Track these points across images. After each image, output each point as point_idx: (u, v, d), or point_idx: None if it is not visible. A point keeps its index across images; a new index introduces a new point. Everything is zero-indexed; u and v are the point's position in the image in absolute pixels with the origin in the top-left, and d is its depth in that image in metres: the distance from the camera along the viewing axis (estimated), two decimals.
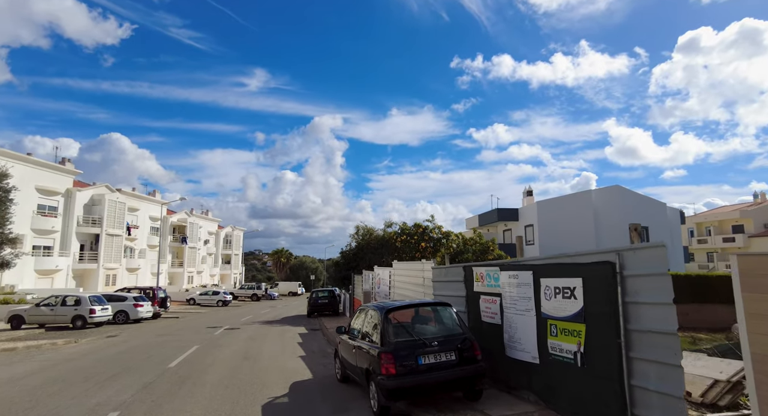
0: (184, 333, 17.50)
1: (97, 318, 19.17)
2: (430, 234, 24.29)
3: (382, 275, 15.11)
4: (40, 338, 15.72)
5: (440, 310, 6.90)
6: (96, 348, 13.29)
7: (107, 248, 38.60)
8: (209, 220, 64.91)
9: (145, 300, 22.84)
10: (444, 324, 6.72)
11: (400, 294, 12.81)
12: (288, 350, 12.83)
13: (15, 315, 18.92)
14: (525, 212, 33.00)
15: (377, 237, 25.64)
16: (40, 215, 33.40)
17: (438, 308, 6.94)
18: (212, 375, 9.13)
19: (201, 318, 25.79)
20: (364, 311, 7.63)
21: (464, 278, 8.34)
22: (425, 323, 6.77)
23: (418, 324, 6.67)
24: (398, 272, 13.15)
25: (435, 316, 6.87)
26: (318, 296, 26.36)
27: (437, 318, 6.83)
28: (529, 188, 38.20)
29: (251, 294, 49.23)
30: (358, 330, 7.56)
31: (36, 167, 33.43)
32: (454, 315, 6.76)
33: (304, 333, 17.47)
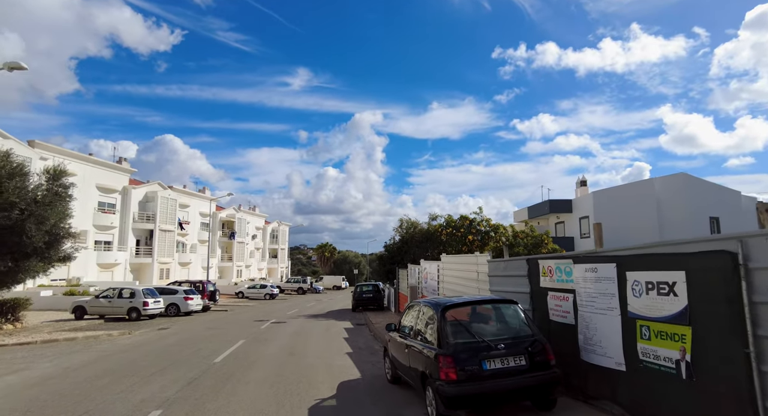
0: (231, 326, 17.60)
1: (150, 311, 19.73)
2: (477, 227, 23.22)
3: (430, 269, 14.38)
4: (99, 329, 16.26)
5: (505, 308, 6.10)
6: (147, 341, 13.48)
7: (161, 243, 40.22)
8: (256, 215, 66.56)
9: (195, 294, 23.36)
10: (510, 324, 5.92)
11: (449, 290, 12.05)
12: (334, 346, 12.41)
13: (78, 306, 19.84)
14: (579, 203, 31.07)
15: (421, 231, 24.87)
16: (100, 212, 35.20)
17: (502, 306, 6.14)
18: (257, 371, 8.80)
19: (249, 311, 26.15)
20: (416, 307, 6.97)
21: (528, 272, 7.46)
22: (488, 322, 6.00)
23: (480, 324, 5.91)
24: (448, 266, 12.37)
25: (498, 315, 6.07)
26: (363, 291, 26.01)
27: (501, 317, 6.04)
28: (583, 178, 36.06)
29: (297, 288, 49.97)
30: (409, 328, 6.92)
31: (96, 166, 35.24)
32: (522, 314, 5.94)
33: (350, 328, 17.07)
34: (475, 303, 6.11)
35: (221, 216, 54.46)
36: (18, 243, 13.78)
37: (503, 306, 6.11)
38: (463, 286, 10.74)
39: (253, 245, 63.37)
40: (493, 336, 5.57)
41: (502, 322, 5.97)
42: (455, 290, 11.44)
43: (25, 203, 13.81)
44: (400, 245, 25.48)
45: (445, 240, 23.59)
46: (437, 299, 6.40)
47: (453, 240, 23.22)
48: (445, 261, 12.67)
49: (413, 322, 6.77)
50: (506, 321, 5.97)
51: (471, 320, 5.90)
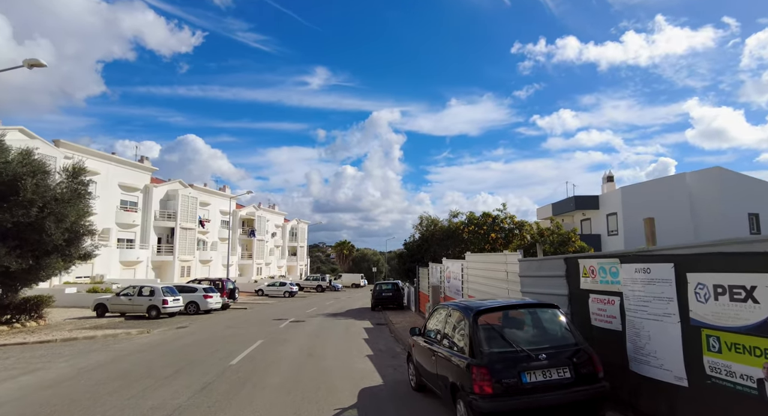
0: (250, 325, 17.35)
1: (169, 309, 19.67)
2: (501, 224, 22.44)
3: (453, 268, 13.78)
4: (118, 327, 16.20)
5: (544, 313, 5.49)
6: (165, 340, 13.28)
7: (181, 240, 40.59)
8: (276, 213, 66.85)
9: (215, 292, 23.27)
10: (550, 331, 5.32)
11: (474, 290, 11.44)
12: (354, 347, 11.95)
13: (99, 304, 19.93)
14: (607, 199, 29.91)
15: (442, 228, 24.23)
16: (122, 210, 35.67)
17: (541, 311, 5.53)
18: (274, 375, 8.39)
19: (268, 309, 25.98)
20: (443, 310, 6.42)
21: (566, 272, 6.82)
22: (525, 329, 5.40)
23: (517, 330, 5.31)
24: (473, 265, 11.76)
25: (537, 320, 5.47)
26: (382, 289, 25.55)
27: (541, 323, 5.44)
28: (610, 174, 34.83)
29: (316, 285, 49.90)
30: (436, 333, 6.38)
31: (118, 165, 35.69)
32: (564, 320, 5.33)
33: (370, 328, 16.61)
34: (511, 307, 5.52)
35: (241, 214, 54.80)
36: (38, 241, 13.77)
37: (542, 311, 5.51)
38: (491, 287, 10.13)
39: (273, 243, 63.67)
40: (533, 345, 4.98)
41: (542, 329, 5.37)
42: (481, 290, 10.83)
43: (44, 200, 13.76)
44: (420, 243, 24.89)
45: (466, 238, 22.91)
46: (468, 303, 5.83)
47: (475, 238, 22.51)
48: (469, 260, 12.06)
49: (440, 326, 6.23)
50: (546, 327, 5.36)
51: (506, 326, 5.32)
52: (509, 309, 5.51)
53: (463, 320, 5.43)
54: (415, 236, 25.93)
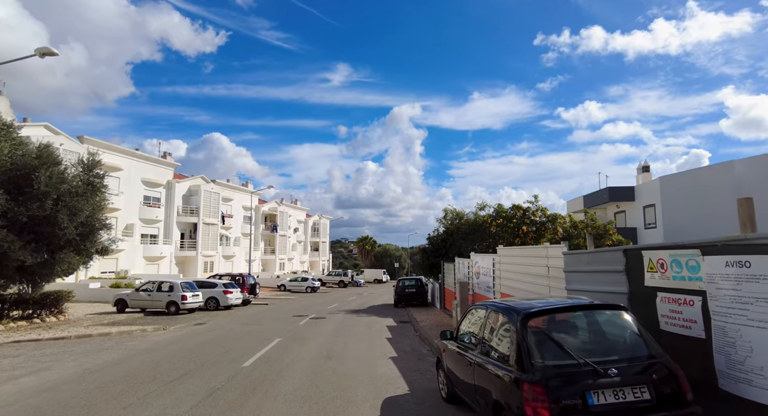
0: (269, 322, 16.75)
1: (188, 305, 19.29)
2: (532, 217, 21.18)
3: (483, 263, 12.76)
4: (135, 323, 15.85)
5: (608, 316, 4.47)
6: (180, 338, 12.75)
7: (204, 236, 40.66)
8: (298, 209, 66.75)
9: (235, 287, 22.86)
10: (617, 339, 4.30)
11: (509, 287, 10.40)
12: (376, 348, 11.11)
13: (119, 299, 19.72)
14: (644, 190, 28.14)
15: (468, 222, 23.11)
16: (146, 206, 35.84)
17: (604, 314, 4.50)
18: (289, 380, 7.61)
19: (289, 305, 25.48)
20: (480, 311, 5.47)
21: (626, 267, 5.76)
22: (586, 336, 4.38)
23: (575, 338, 4.31)
24: (506, 259, 10.71)
25: (599, 325, 4.44)
26: (405, 285, 24.65)
27: (605, 329, 4.41)
28: (645, 164, 32.97)
29: (338, 281, 49.45)
30: (470, 336, 5.46)
31: (141, 160, 35.83)
32: (635, 325, 4.30)
33: (393, 326, 15.75)
34: (567, 309, 4.50)
35: (263, 210, 54.77)
36: (52, 234, 13.43)
37: (606, 313, 4.47)
38: (528, 284, 9.08)
39: (295, 239, 63.60)
40: (599, 356, 3.97)
41: (607, 336, 4.35)
42: (516, 288, 9.79)
43: (58, 193, 13.40)
44: (444, 237, 23.85)
45: (494, 232, 21.75)
46: (512, 303, 4.86)
47: (504, 232, 21.34)
48: (502, 254, 11.01)
49: (477, 330, 5.29)
50: (613, 334, 4.34)
51: (563, 332, 4.32)
52: (566, 311, 4.50)
53: (508, 323, 4.48)
54: (439, 230, 24.90)
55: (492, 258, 11.77)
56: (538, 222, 21.33)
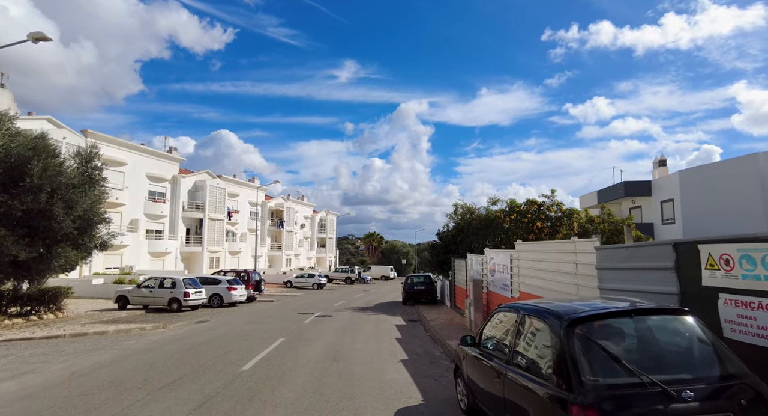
0: (273, 320, 16.12)
1: (191, 302, 18.73)
2: (547, 212, 20.32)
3: (499, 259, 11.98)
4: (135, 321, 15.31)
5: (672, 324, 3.69)
6: (179, 337, 12.14)
7: (210, 232, 40.20)
8: (304, 205, 66.23)
9: (239, 284, 22.29)
10: (687, 352, 3.54)
11: (529, 285, 9.64)
12: (385, 349, 10.40)
13: (121, 296, 19.22)
14: (661, 184, 27.11)
15: (479, 217, 22.28)
16: (151, 201, 35.41)
17: (666, 321, 3.72)
18: (291, 387, 6.93)
19: (295, 301, 24.88)
20: (509, 314, 4.72)
21: (676, 263, 4.98)
22: (647, 348, 3.60)
23: (634, 350, 3.53)
24: (526, 255, 9.94)
25: (663, 335, 3.66)
26: (413, 282, 23.91)
27: (669, 339, 3.63)
28: (662, 158, 31.86)
29: (345, 277, 48.84)
30: (497, 342, 4.73)
31: (146, 155, 35.38)
32: (708, 336, 3.53)
33: (402, 325, 15.05)
34: (623, 314, 3.71)
35: (270, 205, 54.30)
36: (47, 228, 12.87)
37: (672, 320, 3.70)
38: (552, 282, 8.31)
39: (302, 235, 63.10)
40: (667, 374, 3.21)
41: (674, 348, 3.57)
42: (538, 286, 9.01)
43: (53, 185, 12.82)
44: (454, 233, 23.05)
45: (507, 227, 20.93)
46: (551, 305, 4.09)
47: (518, 228, 20.52)
48: (521, 250, 10.23)
49: (505, 337, 4.55)
50: (681, 346, 3.57)
51: (618, 342, 3.55)
52: (620, 317, 3.72)
53: (548, 330, 3.73)
54: (449, 225, 24.07)
55: (509, 254, 10.99)
56: (553, 218, 20.48)
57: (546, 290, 8.61)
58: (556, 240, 10.80)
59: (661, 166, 30.94)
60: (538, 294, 8.89)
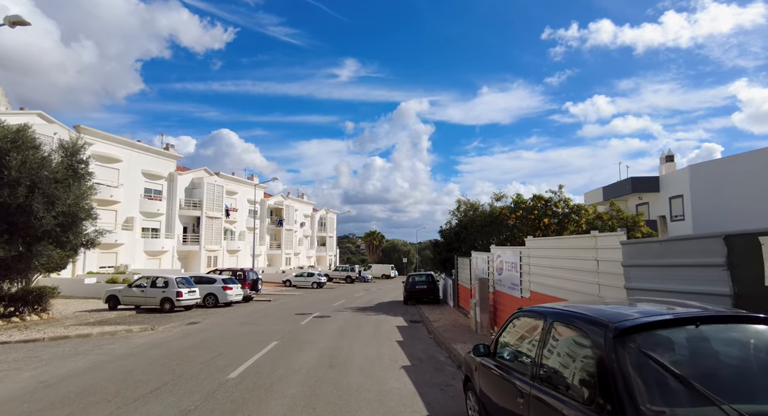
0: (268, 321, 15.39)
1: (184, 302, 18.01)
2: (554, 208, 19.57)
3: (507, 257, 11.23)
4: (124, 322, 14.59)
5: (752, 334, 2.92)
6: (166, 339, 11.41)
7: (208, 230, 39.49)
8: (304, 203, 65.51)
9: (235, 283, 21.57)
10: None
11: (541, 284, 8.89)
12: (386, 353, 9.66)
13: (111, 296, 18.50)
14: (670, 180, 26.34)
15: (483, 213, 21.53)
16: (147, 199, 34.71)
17: (743, 330, 2.96)
18: (279, 399, 6.19)
19: (293, 301, 24.16)
20: (532, 321, 3.97)
21: (728, 260, 4.23)
22: (721, 367, 2.84)
23: (706, 370, 2.77)
24: (537, 252, 9.19)
25: (740, 349, 2.89)
26: (415, 281, 23.17)
27: (749, 356, 2.87)
28: (670, 153, 31.12)
29: (345, 276, 48.11)
30: (517, 353, 3.98)
31: (142, 152, 34.66)
32: None
33: (403, 326, 14.32)
34: (687, 321, 2.95)
35: (269, 203, 53.57)
36: (26, 224, 12.15)
37: (748, 330, 2.93)
38: (569, 281, 7.56)
39: (302, 233, 62.40)
40: (753, 402, 2.45)
41: (760, 368, 2.81)
42: (552, 285, 8.26)
43: (33, 179, 12.09)
44: (457, 230, 22.29)
45: (512, 224, 20.19)
46: (587, 309, 3.33)
47: (523, 225, 19.77)
48: (532, 246, 9.48)
49: (529, 347, 3.80)
50: (762, 362, 2.81)
51: (683, 360, 2.79)
52: (682, 325, 2.95)
53: (586, 341, 2.98)
54: (451, 222, 23.31)
55: (518, 251, 10.24)
56: (561, 214, 19.74)
57: (561, 290, 7.86)
58: (573, 235, 10.07)
59: (668, 162, 30.17)
60: (553, 295, 8.15)
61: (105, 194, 30.41)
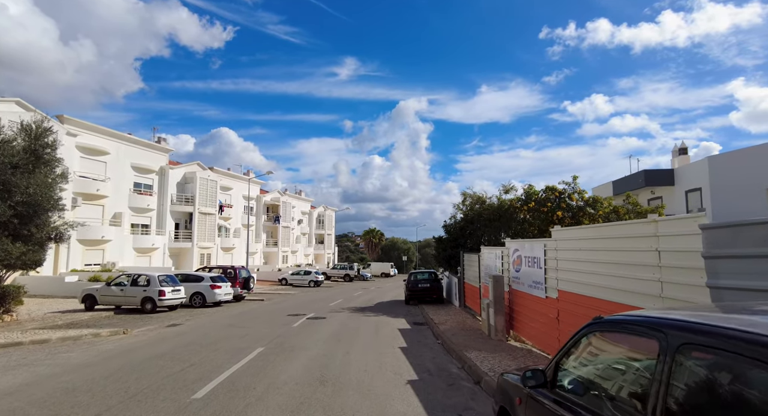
0: (256, 323, 13.94)
1: (167, 301, 16.55)
2: (568, 201, 18.13)
3: (526, 251, 9.78)
4: (96, 324, 13.15)
5: None
6: (136, 346, 9.96)
7: (200, 226, 38.00)
8: (302, 200, 64.01)
9: (225, 281, 20.11)
10: None
11: (572, 283, 7.45)
12: (388, 363, 8.23)
13: (88, 295, 17.04)
14: (686, 172, 24.88)
15: (491, 206, 20.05)
16: (136, 193, 33.22)
17: None
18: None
19: (287, 301, 22.71)
20: (632, 336, 2.53)
21: None
22: None
23: None
24: (568, 245, 7.75)
25: None
26: (417, 279, 21.71)
27: None
28: (683, 145, 29.75)
29: (344, 274, 46.68)
30: (597, 388, 2.53)
31: (131, 144, 33.15)
32: None
33: (407, 329, 12.88)
34: None
35: (265, 200, 52.05)
36: None
37: None
38: (615, 278, 6.10)
39: (299, 230, 60.92)
40: None
41: None
42: (592, 283, 6.80)
43: None
44: (463, 225, 20.83)
45: (523, 218, 18.74)
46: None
47: (535, 218, 18.34)
48: (562, 237, 8.03)
49: (627, 382, 2.36)
50: None
51: None
52: None
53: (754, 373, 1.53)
54: (456, 216, 21.83)
55: (542, 244, 8.79)
56: (575, 207, 18.30)
57: (603, 289, 6.42)
58: (625, 222, 8.65)
59: (681, 154, 28.76)
60: (590, 295, 6.72)
61: (91, 187, 28.95)
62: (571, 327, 7.38)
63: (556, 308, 8.07)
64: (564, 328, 7.73)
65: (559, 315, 7.98)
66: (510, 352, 8.97)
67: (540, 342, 9.03)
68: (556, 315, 8.07)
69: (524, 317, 9.96)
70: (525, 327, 9.98)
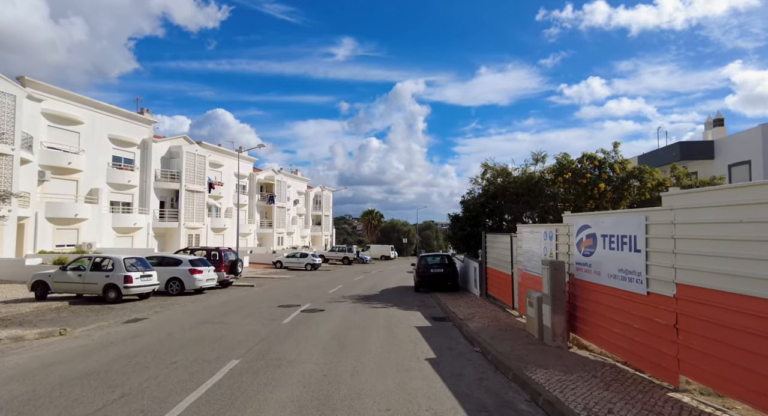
0: (238, 318, 11.24)
1: (135, 289, 13.83)
2: (609, 172, 15.35)
3: (609, 228, 7.01)
4: (31, 321, 10.44)
5: None
6: (63, 357, 7.22)
7: (188, 205, 35.10)
8: (298, 179, 60.98)
9: (207, 265, 17.37)
10: None
11: (710, 273, 4.72)
12: (418, 395, 5.53)
13: (39, 281, 14.26)
14: (731, 144, 22.04)
15: (517, 180, 17.21)
16: (115, 168, 30.20)
17: None
18: None
19: (280, 287, 20.05)
20: None
21: None
22: None
23: None
24: (694, 216, 4.99)
25: None
26: (429, 264, 18.94)
27: None
28: (719, 116, 26.92)
29: (342, 257, 44.07)
30: None
31: (109, 114, 29.94)
32: None
33: (427, 328, 10.20)
34: None
35: (259, 178, 49.01)
36: None
37: None
38: None
39: (296, 211, 58.08)
40: None
41: None
42: (747, 275, 4.07)
43: None
44: (484, 201, 18.02)
45: (555, 193, 16.00)
46: None
47: (569, 193, 15.59)
48: (679, 206, 5.26)
49: None
50: None
51: None
52: None
53: None
54: (475, 191, 18.94)
55: (643, 217, 6.01)
56: (616, 179, 15.54)
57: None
58: None
59: (716, 126, 25.93)
60: (753, 294, 3.98)
61: (62, 160, 25.91)
62: (706, 341, 4.74)
63: (672, 311, 5.35)
64: (691, 342, 5.04)
65: (677, 321, 5.28)
66: (588, 369, 6.29)
67: (629, 354, 6.36)
68: (671, 321, 5.37)
69: (598, 317, 7.27)
70: (598, 331, 7.30)
